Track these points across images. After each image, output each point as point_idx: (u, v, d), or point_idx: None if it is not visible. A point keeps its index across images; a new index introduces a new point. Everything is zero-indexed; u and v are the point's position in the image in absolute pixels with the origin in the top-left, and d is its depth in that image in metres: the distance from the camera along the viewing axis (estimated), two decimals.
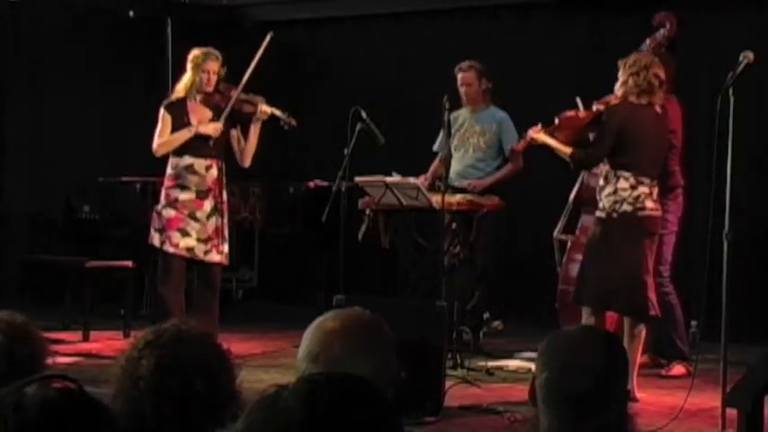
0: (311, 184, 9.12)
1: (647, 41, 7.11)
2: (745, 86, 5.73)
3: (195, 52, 7.22)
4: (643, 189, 6.18)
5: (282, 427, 1.53)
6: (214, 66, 7.19)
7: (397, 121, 9.44)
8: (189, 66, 7.22)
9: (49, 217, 9.72)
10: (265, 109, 7.22)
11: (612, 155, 6.25)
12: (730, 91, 5.56)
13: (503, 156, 7.92)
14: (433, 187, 7.75)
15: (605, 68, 6.68)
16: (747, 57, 5.73)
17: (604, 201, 6.24)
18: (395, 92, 10.01)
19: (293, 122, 7.31)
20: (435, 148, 8.06)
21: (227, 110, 7.18)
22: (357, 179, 7.45)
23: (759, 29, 8.16)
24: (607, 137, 6.26)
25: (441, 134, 7.79)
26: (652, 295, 6.23)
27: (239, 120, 7.30)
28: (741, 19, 8.50)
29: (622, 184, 6.19)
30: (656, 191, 6.26)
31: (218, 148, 7.22)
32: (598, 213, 6.29)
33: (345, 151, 7.35)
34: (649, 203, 6.20)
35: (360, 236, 7.71)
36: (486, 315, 7.89)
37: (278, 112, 7.28)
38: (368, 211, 7.72)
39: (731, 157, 5.56)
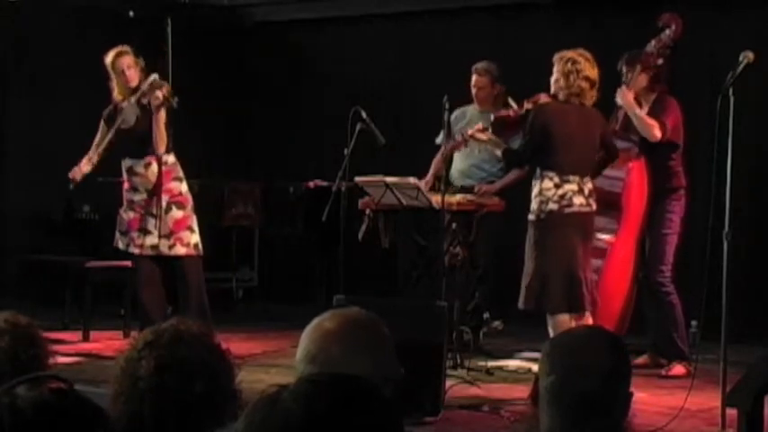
0: (311, 184, 9.11)
1: (653, 42, 7.07)
2: (745, 86, 5.72)
3: (107, 58, 7.33)
4: (570, 187, 6.15)
5: (282, 428, 1.53)
6: (127, 60, 7.29)
7: (398, 121, 9.43)
8: (110, 73, 7.28)
9: (49, 217, 9.71)
10: (158, 95, 7.19)
11: (540, 155, 6.24)
12: (730, 91, 5.55)
13: None
14: (434, 187, 7.74)
15: (605, 68, 6.67)
16: (747, 57, 5.72)
17: (533, 203, 6.24)
18: (395, 92, 10.01)
19: (174, 103, 7.20)
20: (438, 141, 8.02)
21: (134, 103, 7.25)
22: (357, 179, 7.44)
23: (759, 29, 8.15)
24: (532, 136, 6.27)
25: (442, 131, 7.77)
26: (585, 291, 6.16)
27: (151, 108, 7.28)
28: (741, 19, 8.49)
29: (546, 183, 6.17)
30: (588, 187, 6.21)
31: (151, 145, 7.25)
32: (530, 216, 6.27)
33: (345, 151, 7.35)
34: (578, 200, 6.16)
35: (360, 236, 7.70)
36: (486, 315, 7.88)
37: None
38: (368, 211, 7.71)
39: (731, 157, 5.55)
